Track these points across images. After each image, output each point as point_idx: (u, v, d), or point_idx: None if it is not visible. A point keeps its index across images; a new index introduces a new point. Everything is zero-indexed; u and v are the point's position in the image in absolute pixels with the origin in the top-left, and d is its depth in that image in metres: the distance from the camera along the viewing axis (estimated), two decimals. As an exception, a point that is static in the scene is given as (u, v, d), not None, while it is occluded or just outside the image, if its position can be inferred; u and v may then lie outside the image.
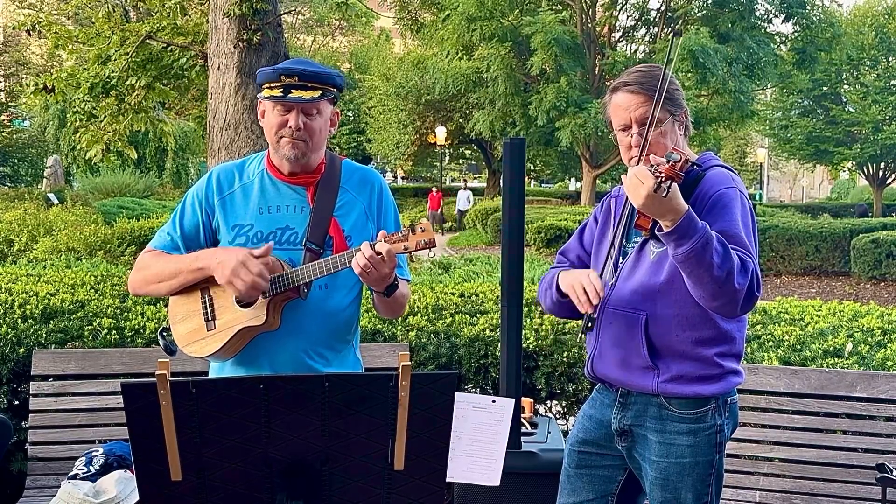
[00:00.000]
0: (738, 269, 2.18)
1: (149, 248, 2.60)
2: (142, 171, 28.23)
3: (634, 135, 2.43)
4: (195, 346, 2.48)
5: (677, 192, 2.13)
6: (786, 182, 63.07)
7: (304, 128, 2.45)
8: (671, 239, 2.17)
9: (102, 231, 11.16)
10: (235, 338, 2.43)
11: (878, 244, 16.47)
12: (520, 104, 26.64)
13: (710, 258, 2.14)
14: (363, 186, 2.60)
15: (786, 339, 4.11)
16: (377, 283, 2.39)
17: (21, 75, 32.30)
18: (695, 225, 2.15)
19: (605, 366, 2.51)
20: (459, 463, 2.55)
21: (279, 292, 2.40)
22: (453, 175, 56.93)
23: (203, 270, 2.43)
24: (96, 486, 3.41)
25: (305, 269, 2.39)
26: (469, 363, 4.07)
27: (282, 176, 2.54)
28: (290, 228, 2.50)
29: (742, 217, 2.33)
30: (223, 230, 2.53)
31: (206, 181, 2.58)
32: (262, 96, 2.49)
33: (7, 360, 3.78)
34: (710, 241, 2.15)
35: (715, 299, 2.22)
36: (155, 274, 2.52)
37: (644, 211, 2.19)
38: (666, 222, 2.16)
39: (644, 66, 2.51)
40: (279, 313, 2.44)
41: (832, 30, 27.50)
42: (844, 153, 36.89)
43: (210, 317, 2.47)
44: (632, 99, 2.43)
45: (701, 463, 2.41)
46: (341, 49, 48.16)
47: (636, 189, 2.14)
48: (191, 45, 8.48)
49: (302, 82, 2.43)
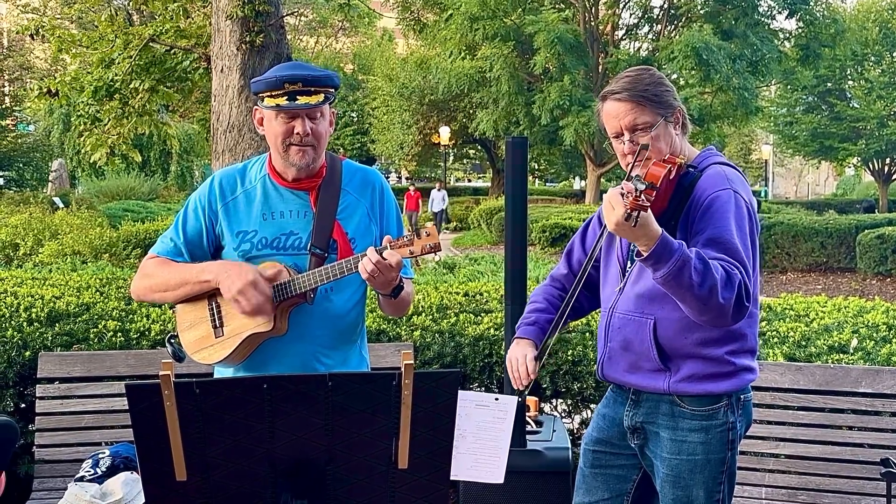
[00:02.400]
0: (721, 284, 2.17)
1: (152, 255, 2.59)
2: (146, 175, 28.27)
3: (627, 142, 2.42)
4: (204, 353, 2.49)
5: (648, 220, 2.13)
6: (791, 179, 62.92)
7: (312, 133, 2.44)
8: (648, 264, 2.18)
9: (108, 234, 11.18)
10: (244, 344, 2.44)
11: (884, 240, 16.41)
12: (523, 103, 26.64)
13: (688, 279, 2.14)
14: (365, 188, 2.60)
15: (791, 336, 4.10)
16: (383, 287, 2.40)
17: (25, 79, 32.36)
18: (670, 249, 2.15)
19: (616, 370, 2.52)
20: (463, 461, 2.55)
21: (286, 298, 2.41)
22: (457, 175, 56.94)
23: (210, 283, 2.43)
24: (103, 488, 3.42)
25: (312, 275, 2.39)
26: (474, 362, 4.07)
27: (284, 181, 2.53)
28: (294, 234, 2.50)
29: (736, 220, 2.31)
30: (227, 237, 2.53)
31: (209, 186, 2.57)
32: (263, 105, 2.46)
33: (13, 363, 3.80)
34: (686, 262, 2.14)
35: (702, 314, 2.23)
36: (160, 283, 2.52)
37: (618, 235, 2.22)
38: (641, 247, 2.17)
39: (632, 71, 2.50)
40: (286, 318, 2.44)
41: (836, 25, 27.45)
42: (849, 149, 36.80)
43: (218, 324, 2.47)
44: (619, 107, 2.43)
45: (713, 461, 2.41)
46: (344, 50, 48.21)
47: (608, 215, 2.15)
48: (194, 48, 8.49)
49: (306, 87, 2.41)
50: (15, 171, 29.75)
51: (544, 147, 30.20)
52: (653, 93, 2.41)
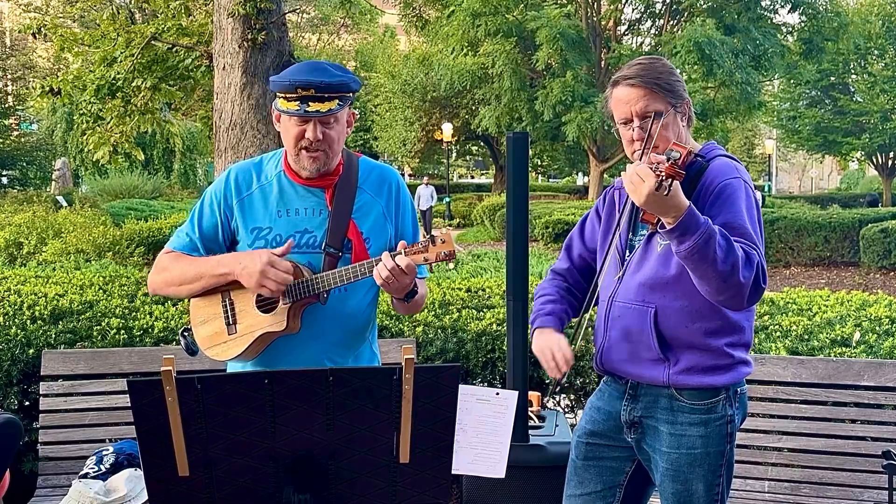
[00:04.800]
0: (742, 263, 2.17)
1: (168, 249, 2.58)
2: (150, 173, 28.30)
3: (636, 128, 2.42)
4: (217, 350, 2.49)
5: (678, 190, 2.13)
6: (794, 173, 62.84)
7: (324, 138, 2.42)
8: (673, 236, 2.17)
9: (111, 233, 11.19)
10: (256, 342, 2.44)
11: (888, 234, 16.38)
12: (526, 99, 26.59)
13: (713, 253, 2.14)
14: (381, 187, 2.58)
15: (793, 329, 4.10)
16: (398, 292, 2.40)
17: (28, 79, 32.40)
18: (696, 221, 2.15)
19: (615, 359, 2.51)
20: (464, 455, 2.56)
21: (299, 299, 2.41)
22: (460, 171, 56.89)
23: (226, 276, 2.43)
24: (107, 485, 3.43)
25: (327, 276, 2.39)
26: (476, 358, 4.07)
27: (300, 179, 2.51)
28: (308, 232, 2.49)
29: (747, 208, 2.33)
30: (242, 233, 2.52)
31: (224, 181, 2.56)
32: (277, 106, 2.45)
33: (17, 360, 3.81)
34: (712, 236, 2.15)
35: (720, 293, 2.22)
36: (176, 277, 2.51)
37: (646, 209, 2.20)
38: (668, 219, 2.16)
39: (644, 59, 2.51)
40: (299, 318, 2.44)
41: (839, 19, 27.33)
42: (853, 143, 36.69)
43: (231, 321, 2.47)
44: (632, 92, 2.42)
45: (712, 454, 2.42)
46: (346, 47, 48.17)
47: (637, 187, 2.13)
48: (196, 46, 8.50)
49: (319, 94, 2.38)
50: (18, 170, 29.81)
51: (547, 143, 30.14)
52: (665, 81, 2.42)
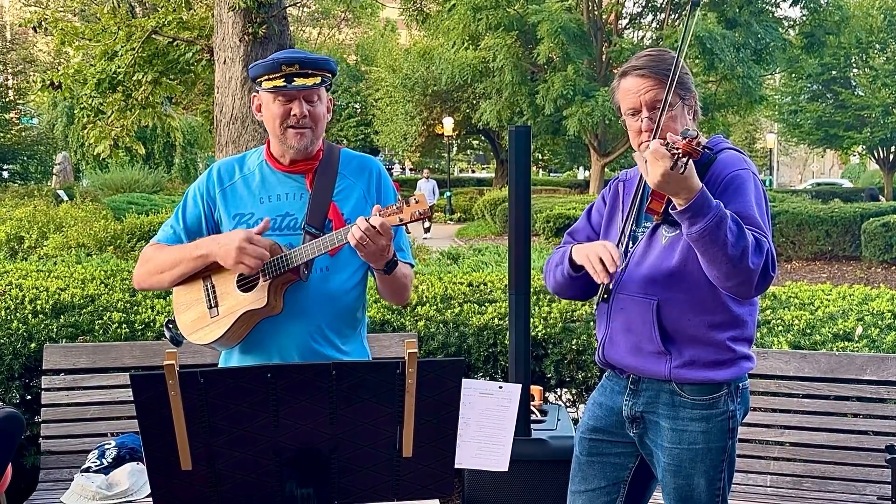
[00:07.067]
0: (752, 248, 2.17)
1: (153, 243, 2.63)
2: (150, 167, 28.27)
3: (644, 119, 2.40)
4: (200, 334, 2.50)
5: (693, 170, 2.12)
6: (796, 167, 62.79)
7: (309, 115, 2.48)
8: (685, 217, 2.16)
9: (112, 227, 11.17)
10: (238, 322, 2.44)
11: (889, 228, 16.37)
12: (527, 93, 26.55)
13: (724, 236, 2.13)
14: (361, 172, 2.62)
15: (795, 324, 4.10)
16: (376, 259, 2.37)
17: (28, 73, 32.39)
18: (709, 202, 2.14)
19: (617, 352, 2.50)
20: (467, 449, 2.55)
21: (279, 274, 2.41)
22: (461, 166, 56.85)
23: (205, 257, 2.46)
24: (109, 479, 3.44)
25: (303, 248, 2.40)
26: (478, 352, 4.07)
27: (281, 166, 2.57)
28: (289, 215, 2.52)
29: (756, 198, 2.32)
30: (224, 219, 2.56)
31: (207, 175, 2.63)
32: (261, 88, 2.51)
33: (19, 355, 3.81)
34: (724, 219, 2.14)
35: (729, 279, 2.21)
36: (157, 265, 2.55)
37: (659, 189, 2.17)
38: (680, 200, 2.16)
39: (654, 50, 2.50)
40: (280, 296, 2.45)
41: (840, 13, 27.30)
42: (854, 137, 36.66)
43: (213, 304, 2.49)
44: (641, 83, 2.41)
45: (714, 449, 2.41)
46: (347, 41, 48.13)
47: (653, 166, 2.12)
48: (196, 40, 8.49)
49: (303, 70, 2.46)
50: (19, 165, 29.82)
51: (548, 137, 30.10)
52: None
